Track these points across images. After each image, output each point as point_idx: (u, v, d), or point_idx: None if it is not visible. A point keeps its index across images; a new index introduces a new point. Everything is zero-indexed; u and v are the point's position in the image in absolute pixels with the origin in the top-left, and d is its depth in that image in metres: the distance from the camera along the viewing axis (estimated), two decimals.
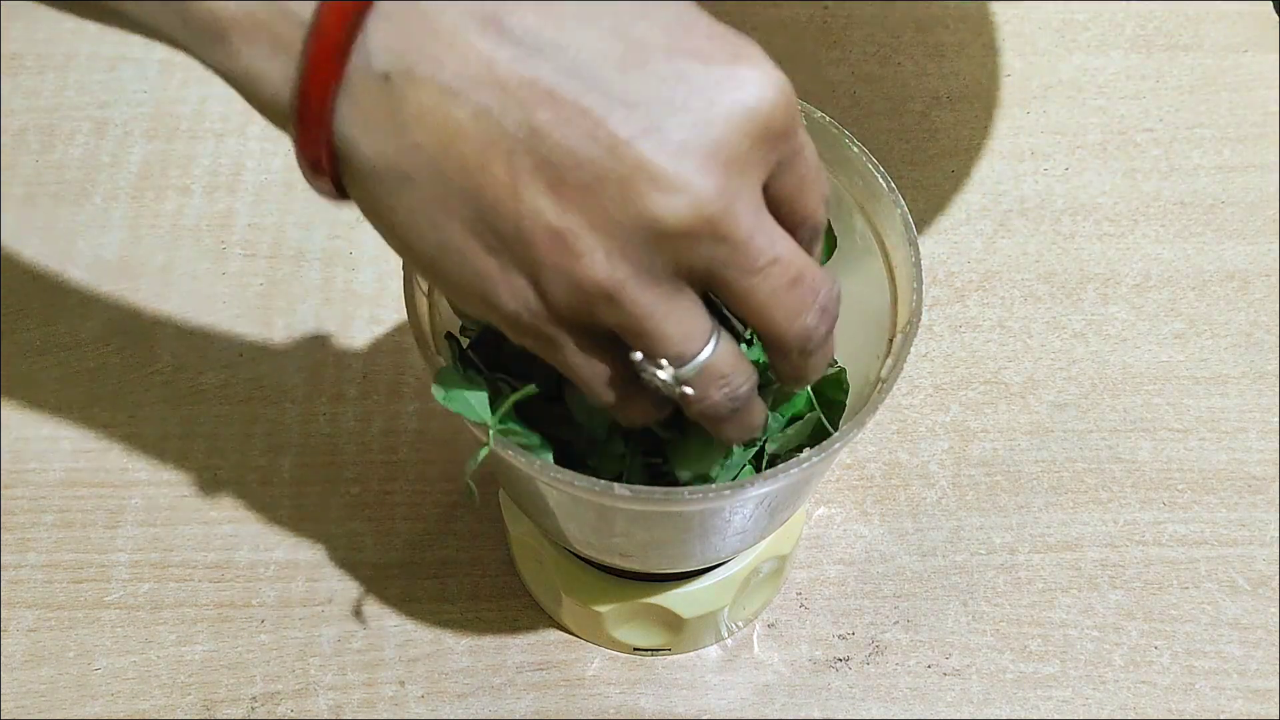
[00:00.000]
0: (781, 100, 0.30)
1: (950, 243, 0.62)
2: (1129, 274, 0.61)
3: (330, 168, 0.30)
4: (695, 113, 0.28)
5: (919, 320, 0.38)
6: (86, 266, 0.60)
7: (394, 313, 0.59)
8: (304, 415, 0.56)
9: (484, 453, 0.36)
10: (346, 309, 0.59)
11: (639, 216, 0.29)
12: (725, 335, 0.32)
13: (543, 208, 0.29)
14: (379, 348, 0.58)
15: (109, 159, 0.64)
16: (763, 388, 0.35)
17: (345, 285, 0.60)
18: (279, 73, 0.29)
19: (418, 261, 0.31)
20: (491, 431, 0.35)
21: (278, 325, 0.59)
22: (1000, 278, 0.61)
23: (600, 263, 0.29)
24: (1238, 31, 0.70)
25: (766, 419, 0.36)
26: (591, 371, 0.32)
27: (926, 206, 0.63)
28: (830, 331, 0.33)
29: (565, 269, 0.29)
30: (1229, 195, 0.64)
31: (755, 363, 0.34)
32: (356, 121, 0.29)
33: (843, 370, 0.41)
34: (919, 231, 0.39)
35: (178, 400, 0.56)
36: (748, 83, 0.29)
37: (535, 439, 0.37)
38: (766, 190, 0.31)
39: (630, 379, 0.33)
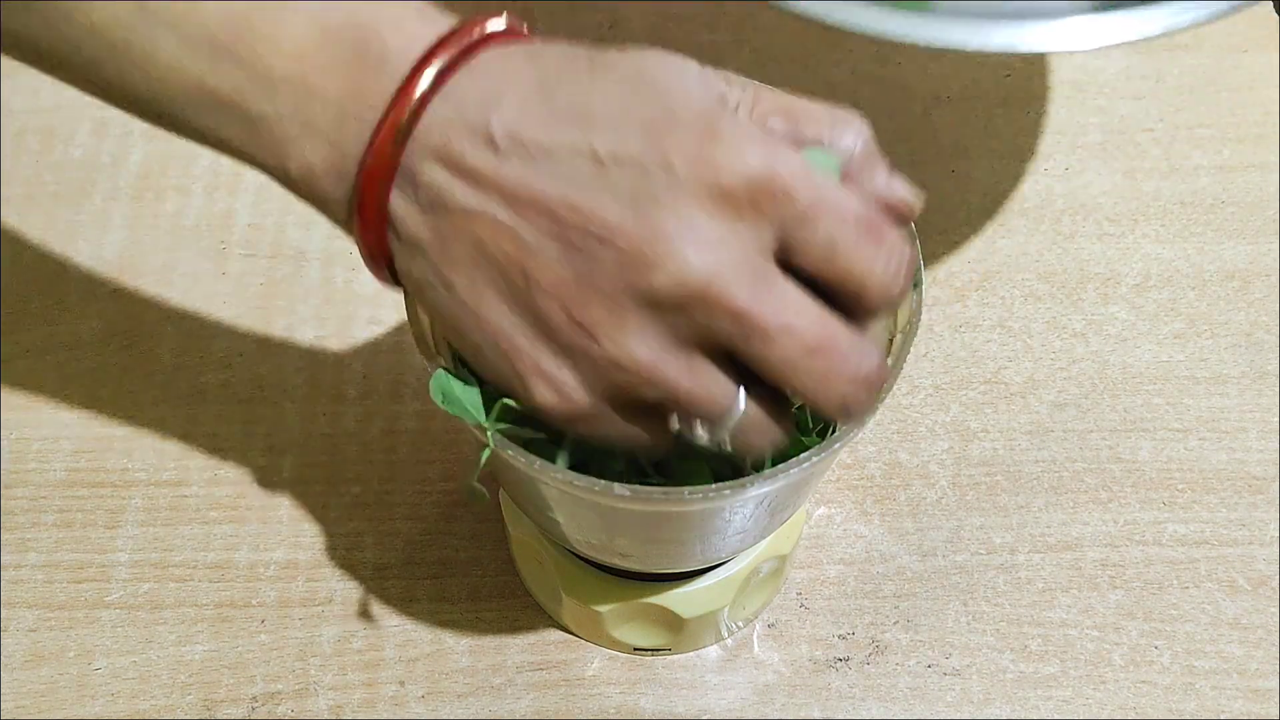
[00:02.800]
0: (760, 164, 0.30)
1: (950, 243, 0.62)
2: (1129, 274, 0.61)
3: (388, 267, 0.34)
4: (675, 191, 0.30)
5: (919, 320, 0.38)
6: (86, 267, 0.60)
7: (394, 313, 0.59)
8: (304, 415, 0.56)
9: (486, 454, 0.36)
10: (346, 309, 0.59)
11: (642, 292, 0.30)
12: (751, 391, 0.33)
13: (564, 299, 0.31)
14: (379, 348, 0.58)
15: (109, 159, 0.64)
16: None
17: (345, 285, 0.60)
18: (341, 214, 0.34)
19: (469, 354, 0.34)
20: (490, 433, 0.35)
21: (278, 325, 0.59)
22: (1000, 278, 0.61)
23: (624, 345, 0.31)
24: (1238, 31, 0.70)
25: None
26: (626, 437, 0.34)
27: (926, 206, 0.63)
28: (875, 398, 0.33)
29: (592, 355, 0.31)
30: (1229, 195, 0.64)
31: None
32: (402, 235, 0.32)
33: None
34: (919, 231, 0.39)
35: (178, 400, 0.56)
36: (719, 154, 0.30)
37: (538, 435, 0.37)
38: (791, 259, 0.31)
39: (647, 447, 0.34)
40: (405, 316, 0.38)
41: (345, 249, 0.61)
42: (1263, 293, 0.61)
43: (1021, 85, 0.68)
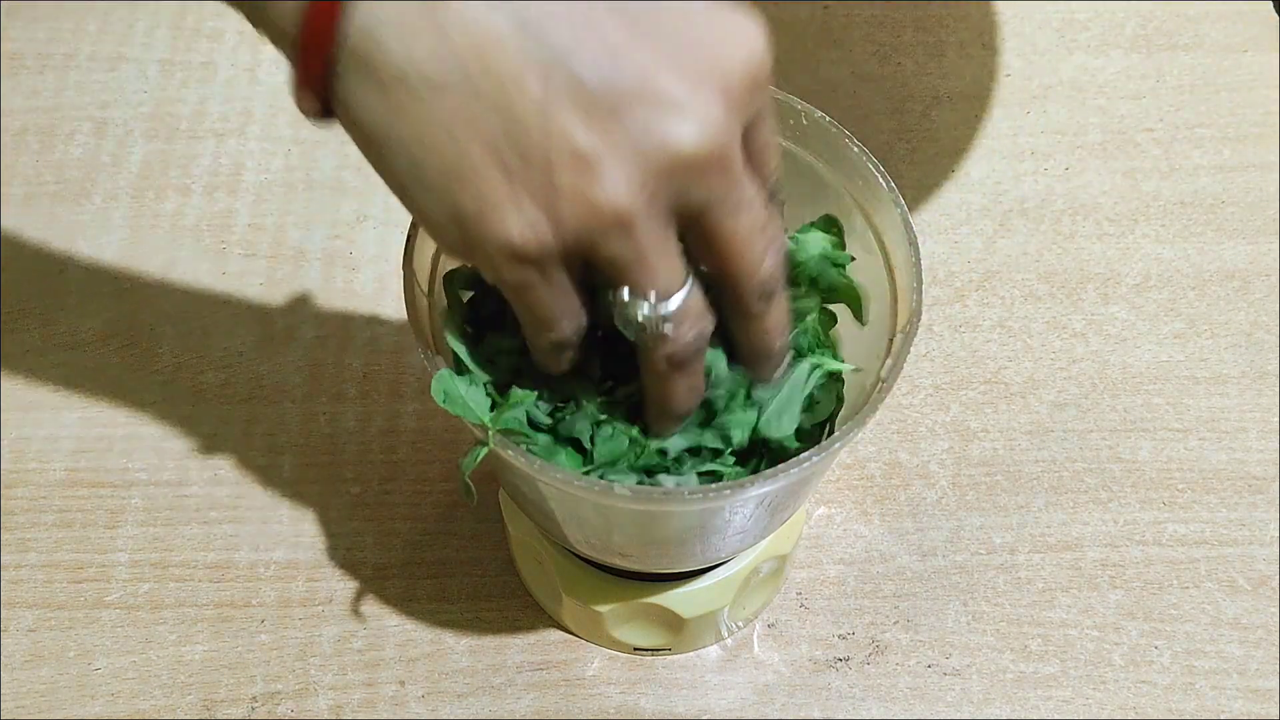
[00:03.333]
0: (768, 55, 0.31)
1: (950, 243, 0.62)
2: (1129, 274, 0.61)
3: (323, 75, 0.30)
4: (707, 49, 0.30)
5: (919, 320, 0.38)
6: (86, 266, 0.60)
7: (394, 313, 0.59)
8: (304, 415, 0.56)
9: (482, 453, 0.36)
10: (346, 309, 0.59)
11: (658, 141, 0.29)
12: (696, 279, 0.33)
13: (571, 128, 0.29)
14: (379, 348, 0.58)
15: (109, 159, 0.64)
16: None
17: (345, 285, 0.60)
18: None
19: (421, 181, 0.30)
20: (490, 433, 0.35)
21: (278, 325, 0.59)
22: (1000, 278, 0.61)
23: (619, 188, 0.29)
24: (1238, 31, 0.70)
25: (704, 390, 0.37)
26: (558, 310, 0.33)
27: (926, 206, 0.64)
28: (783, 284, 0.35)
29: (583, 192, 0.29)
30: (1229, 195, 0.64)
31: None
32: (390, 22, 0.28)
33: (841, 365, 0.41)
34: (919, 231, 0.39)
35: (178, 400, 0.56)
36: (749, 32, 0.31)
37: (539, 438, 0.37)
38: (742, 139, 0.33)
39: (574, 327, 0.34)
40: (405, 316, 0.38)
41: (345, 249, 0.61)
42: (1263, 293, 0.61)
43: (1021, 85, 0.68)
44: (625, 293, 0.32)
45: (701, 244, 0.33)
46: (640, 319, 0.33)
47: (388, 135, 0.30)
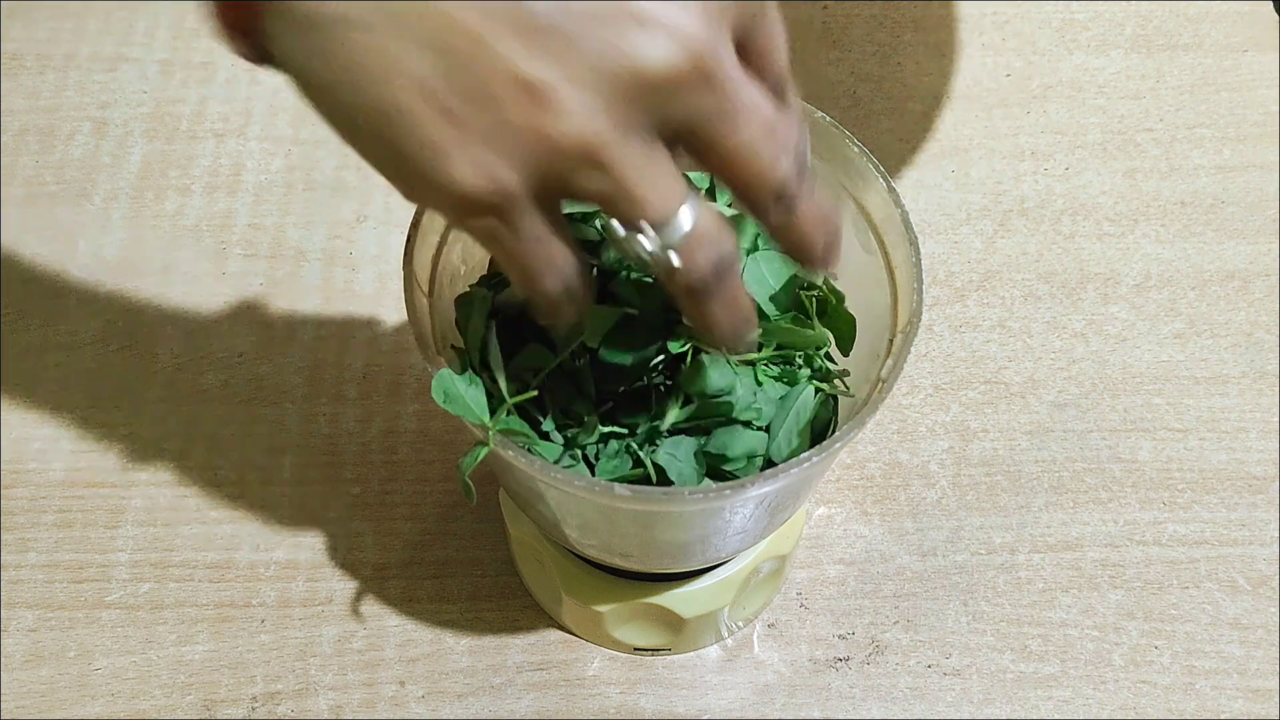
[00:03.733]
0: None
1: (950, 243, 0.62)
2: (1129, 274, 0.61)
3: (248, 16, 0.28)
4: None
5: (919, 320, 0.38)
6: (86, 266, 0.60)
7: (394, 313, 0.59)
8: (304, 415, 0.56)
9: (482, 453, 0.36)
10: (346, 309, 0.59)
11: (622, 62, 0.27)
12: (701, 196, 0.30)
13: (513, 56, 0.26)
14: (379, 348, 0.58)
15: (109, 159, 0.64)
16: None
17: (345, 285, 0.60)
18: None
19: (358, 130, 0.28)
20: (491, 433, 0.35)
21: (278, 325, 0.59)
22: (1000, 278, 0.61)
23: (579, 118, 0.27)
24: (1238, 31, 0.70)
25: (755, 310, 0.33)
26: (536, 261, 0.30)
27: (926, 206, 0.64)
28: (805, 181, 0.31)
29: (537, 128, 0.27)
30: (1229, 195, 0.64)
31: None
32: None
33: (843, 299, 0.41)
34: (919, 231, 0.39)
35: (178, 400, 0.56)
36: None
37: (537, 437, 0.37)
38: (738, 43, 0.29)
39: (572, 272, 0.31)
40: (405, 316, 0.38)
41: (345, 249, 0.61)
42: (1263, 293, 0.61)
43: (1021, 85, 0.68)
44: (617, 227, 0.29)
45: (701, 158, 0.30)
46: (640, 254, 0.29)
47: (318, 81, 0.28)
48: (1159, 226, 0.63)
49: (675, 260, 0.30)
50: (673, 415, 0.38)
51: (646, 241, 0.29)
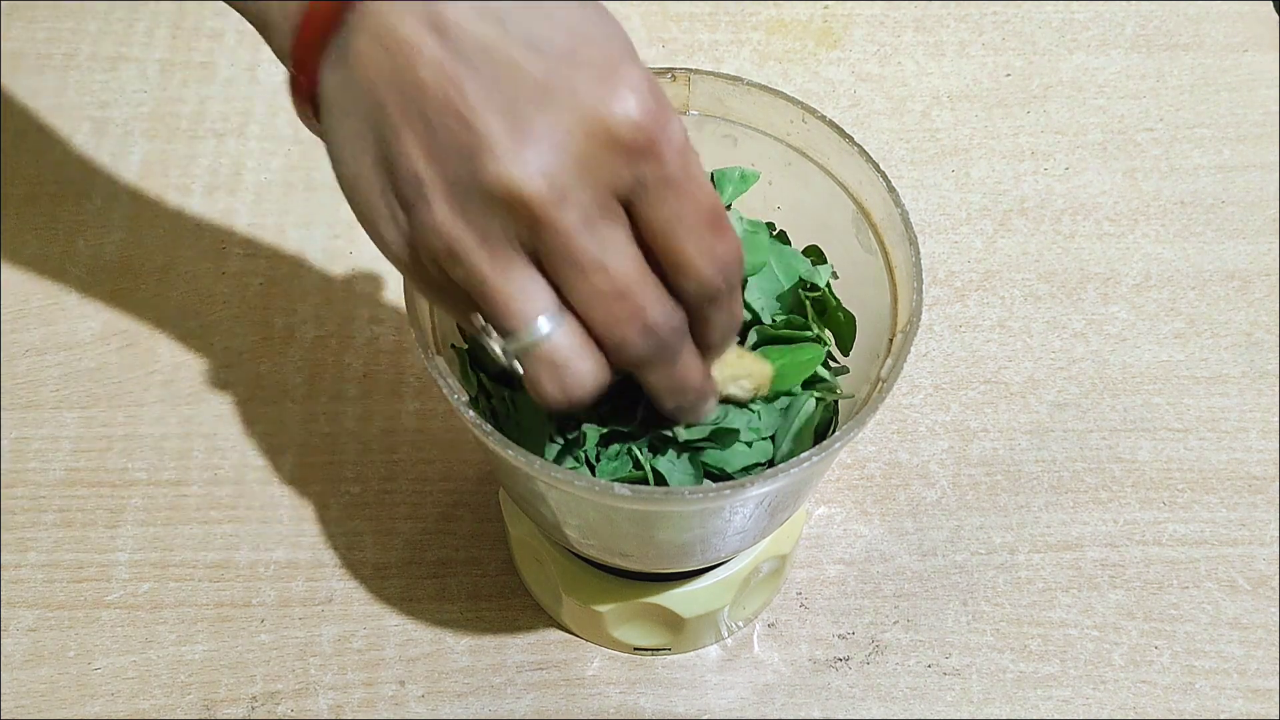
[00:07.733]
0: (648, 119, 0.30)
1: (950, 243, 0.62)
2: (1129, 274, 0.61)
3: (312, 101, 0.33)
4: (557, 107, 0.30)
5: (919, 320, 0.38)
6: (86, 266, 0.60)
7: (394, 313, 0.59)
8: (304, 415, 0.56)
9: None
10: (346, 309, 0.59)
11: (476, 179, 0.30)
12: (572, 324, 0.32)
13: (412, 154, 0.31)
14: (379, 348, 0.58)
15: (109, 159, 0.64)
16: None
17: (345, 285, 0.60)
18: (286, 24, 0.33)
19: (343, 190, 0.34)
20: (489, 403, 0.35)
21: (278, 325, 0.59)
22: (1000, 278, 0.61)
23: (442, 214, 0.31)
24: (1238, 31, 0.70)
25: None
26: (441, 305, 0.34)
27: (926, 206, 0.64)
28: (663, 357, 0.33)
29: (419, 214, 0.31)
30: (1229, 195, 0.64)
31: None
32: (329, 61, 0.32)
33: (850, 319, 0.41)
34: (919, 231, 0.39)
35: (178, 400, 0.56)
36: (617, 95, 0.30)
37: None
38: (631, 214, 0.31)
39: (467, 319, 0.34)
40: (405, 316, 0.38)
41: (345, 249, 0.61)
42: (1263, 293, 0.61)
43: (1021, 85, 0.68)
44: (479, 320, 0.32)
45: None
46: (494, 352, 0.32)
47: (329, 152, 0.33)
48: (1159, 226, 0.63)
49: (519, 369, 0.32)
50: (684, 433, 0.38)
51: (494, 343, 0.32)
